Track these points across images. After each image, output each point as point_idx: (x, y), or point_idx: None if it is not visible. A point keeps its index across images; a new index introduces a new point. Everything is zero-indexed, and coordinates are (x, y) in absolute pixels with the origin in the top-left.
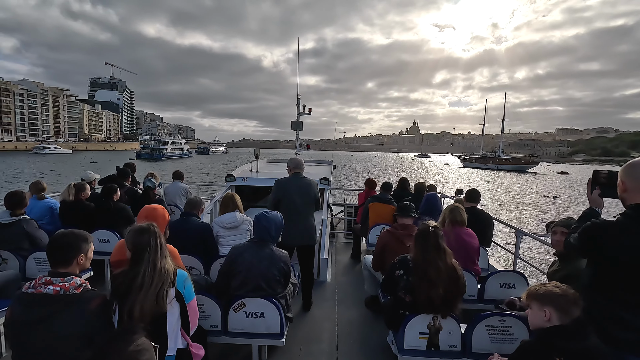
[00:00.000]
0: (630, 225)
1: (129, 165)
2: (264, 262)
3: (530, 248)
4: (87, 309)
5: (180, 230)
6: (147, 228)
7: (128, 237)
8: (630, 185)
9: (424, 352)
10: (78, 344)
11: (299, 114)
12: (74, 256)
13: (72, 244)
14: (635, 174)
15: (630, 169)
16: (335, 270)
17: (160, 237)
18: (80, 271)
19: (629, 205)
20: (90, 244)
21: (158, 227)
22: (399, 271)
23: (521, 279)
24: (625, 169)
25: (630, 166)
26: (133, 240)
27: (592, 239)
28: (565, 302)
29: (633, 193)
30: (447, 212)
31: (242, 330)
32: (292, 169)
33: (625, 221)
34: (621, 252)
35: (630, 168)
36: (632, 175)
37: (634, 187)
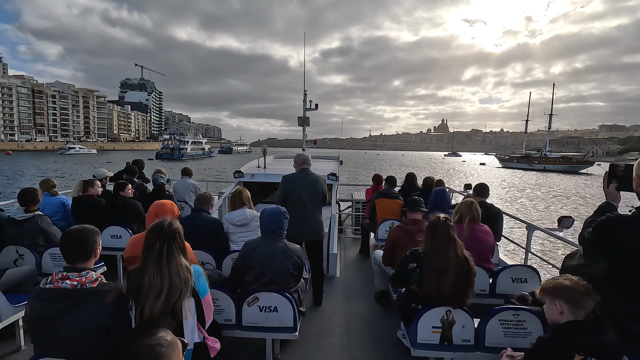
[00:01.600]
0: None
1: (136, 162)
2: (278, 256)
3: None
4: (104, 302)
5: (191, 226)
6: (162, 228)
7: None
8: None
9: (437, 346)
10: (96, 337)
11: (305, 110)
12: (92, 249)
13: (89, 239)
14: None
15: None
16: (344, 265)
17: (176, 241)
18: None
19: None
20: (100, 238)
21: (175, 228)
22: (412, 264)
23: (533, 273)
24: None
25: None
26: (146, 235)
27: (605, 233)
28: (576, 294)
29: None
30: (463, 207)
31: (256, 324)
32: (300, 165)
33: (638, 215)
34: (634, 247)
35: None
36: None
37: None
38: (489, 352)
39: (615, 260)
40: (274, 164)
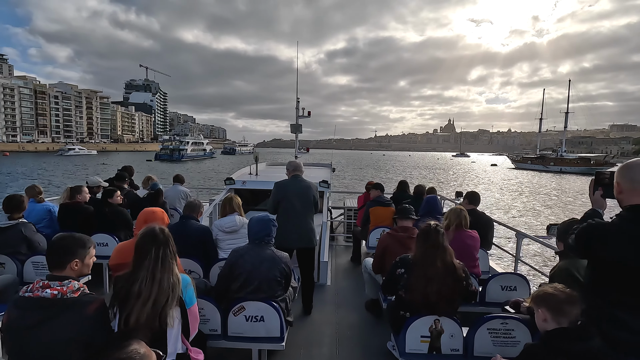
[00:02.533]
0: (625, 226)
1: (126, 169)
2: (265, 264)
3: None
4: (85, 313)
5: (179, 233)
6: (156, 234)
7: (138, 235)
8: (625, 187)
9: (426, 355)
10: (75, 349)
11: (298, 117)
12: (67, 261)
13: (67, 248)
14: (630, 175)
15: (626, 171)
16: (335, 273)
17: (168, 248)
18: (78, 277)
19: (624, 207)
20: (89, 249)
21: (167, 236)
22: (400, 270)
23: (522, 281)
24: (621, 171)
25: (626, 168)
26: (138, 242)
27: (587, 240)
28: (557, 302)
29: (628, 194)
30: (452, 214)
31: (242, 334)
32: (292, 172)
33: (620, 223)
34: (616, 254)
35: (625, 170)
36: (628, 177)
37: (629, 189)
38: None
39: (596, 266)
40: (265, 170)
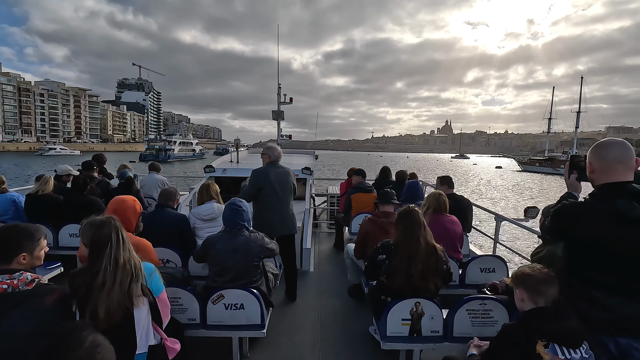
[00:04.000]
0: (596, 205)
1: (96, 157)
2: (239, 252)
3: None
4: (42, 305)
5: (154, 222)
6: (107, 221)
7: (84, 232)
8: (597, 166)
9: (407, 338)
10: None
11: (279, 103)
12: (13, 254)
13: (11, 241)
14: (602, 153)
15: (597, 149)
16: (318, 260)
17: (122, 231)
18: (30, 269)
19: (596, 186)
20: (38, 241)
21: (118, 220)
22: (381, 256)
23: (501, 263)
24: (592, 150)
25: (597, 146)
26: (91, 235)
27: (561, 220)
28: (534, 282)
29: (600, 173)
30: (431, 198)
31: (222, 323)
32: (271, 158)
33: (592, 202)
34: (587, 232)
35: (597, 148)
36: (599, 155)
37: (601, 167)
38: (458, 342)
39: (572, 246)
40: (247, 158)
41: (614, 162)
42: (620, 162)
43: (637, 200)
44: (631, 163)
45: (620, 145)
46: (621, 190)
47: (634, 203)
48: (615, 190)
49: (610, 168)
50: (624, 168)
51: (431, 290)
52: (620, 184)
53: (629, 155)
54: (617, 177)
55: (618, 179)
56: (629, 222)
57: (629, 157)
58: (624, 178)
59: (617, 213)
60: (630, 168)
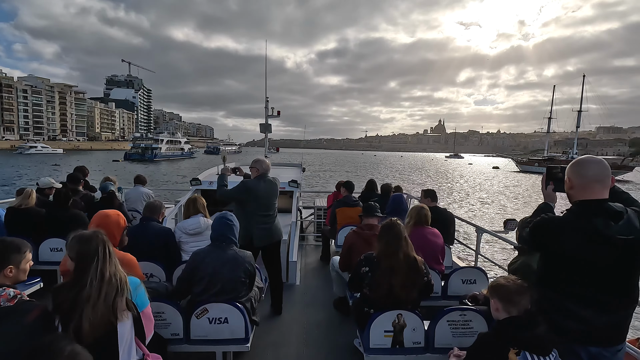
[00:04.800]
0: (573, 221)
1: (80, 170)
2: (228, 265)
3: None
4: (24, 322)
5: (138, 236)
6: (94, 235)
7: (71, 245)
8: (576, 183)
9: (389, 350)
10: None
11: (267, 117)
12: (0, 267)
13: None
14: (580, 171)
15: (576, 167)
16: (304, 272)
17: (109, 245)
18: (13, 283)
19: (573, 202)
20: (24, 254)
21: (105, 234)
22: (364, 268)
23: (481, 274)
24: (571, 167)
25: (576, 164)
26: (78, 249)
27: (538, 234)
28: (508, 292)
29: (578, 190)
30: (412, 211)
31: (205, 337)
32: (259, 171)
33: (569, 217)
34: (565, 247)
35: (576, 166)
36: (578, 172)
37: (579, 185)
38: (439, 353)
39: (548, 259)
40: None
41: (592, 181)
42: (598, 181)
43: (612, 219)
44: (608, 182)
45: (598, 164)
46: (598, 209)
47: (610, 222)
48: (592, 208)
49: (589, 186)
50: (601, 187)
51: (412, 302)
52: (597, 202)
53: (606, 175)
54: (595, 195)
55: (595, 196)
56: (604, 240)
57: (606, 176)
58: (601, 196)
59: (593, 231)
60: (607, 187)
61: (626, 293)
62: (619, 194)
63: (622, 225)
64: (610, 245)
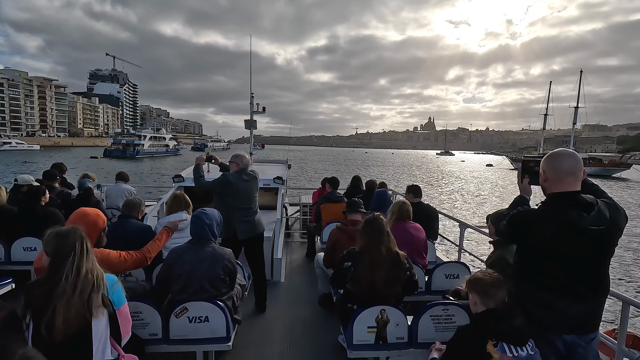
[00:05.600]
0: (547, 213)
1: (56, 166)
2: (206, 262)
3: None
4: None
5: (116, 233)
6: (72, 231)
7: (48, 241)
8: (550, 176)
9: (373, 345)
10: None
11: (252, 113)
12: None
13: None
14: (555, 164)
15: (551, 160)
16: (289, 270)
17: (86, 241)
18: None
19: (548, 194)
20: None
21: (83, 231)
22: (347, 263)
23: (464, 269)
24: (546, 160)
25: (551, 157)
26: (55, 245)
27: (515, 226)
28: (484, 286)
29: (552, 183)
30: (395, 207)
31: (185, 337)
32: (239, 166)
33: (544, 209)
34: (540, 239)
35: (550, 159)
36: (552, 165)
37: (554, 178)
38: (422, 347)
39: (524, 251)
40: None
41: (565, 174)
42: (571, 173)
43: (585, 210)
44: (580, 175)
45: (571, 157)
46: (572, 201)
47: (583, 213)
48: (566, 200)
49: (563, 179)
50: (573, 179)
51: (395, 297)
52: (570, 194)
53: (578, 168)
54: (568, 187)
55: (568, 188)
56: (577, 231)
57: (578, 169)
58: (573, 188)
59: (567, 222)
60: (579, 179)
61: (598, 282)
62: (589, 186)
63: (593, 216)
64: (583, 236)
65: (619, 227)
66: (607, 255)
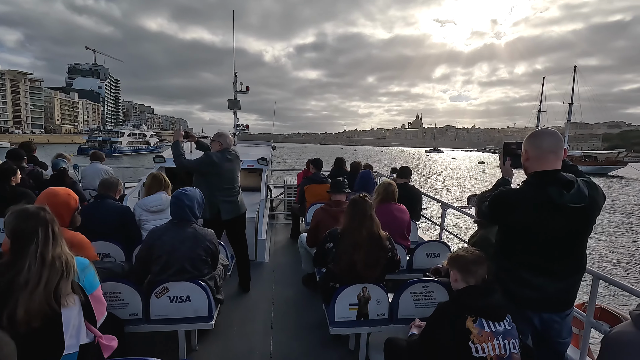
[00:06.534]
0: (528, 192)
1: (23, 146)
2: (187, 243)
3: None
4: None
5: (93, 214)
6: (36, 213)
7: (7, 221)
8: (531, 154)
9: (354, 322)
10: None
11: (235, 92)
12: None
13: None
14: (536, 143)
15: (532, 139)
16: (274, 250)
17: (53, 224)
18: None
19: (529, 174)
20: None
21: (50, 213)
22: (329, 244)
23: (445, 247)
24: (528, 139)
25: (532, 136)
26: (14, 227)
27: (496, 206)
28: (466, 263)
29: (534, 162)
30: (380, 187)
31: (166, 317)
32: (221, 145)
33: (525, 188)
34: (520, 218)
35: (532, 138)
36: (534, 144)
37: (535, 156)
38: (402, 323)
39: (505, 231)
40: None
41: (547, 152)
42: (552, 151)
43: (565, 188)
44: (561, 153)
45: (552, 135)
46: (552, 179)
47: (563, 191)
48: (546, 178)
49: (544, 157)
50: (554, 157)
51: (375, 278)
52: (551, 172)
53: (559, 146)
54: (549, 166)
55: (549, 167)
56: (557, 208)
57: (559, 148)
58: (554, 166)
59: (547, 200)
60: (560, 157)
61: (576, 260)
62: (569, 166)
63: (573, 194)
64: (563, 213)
65: (597, 205)
66: (585, 233)
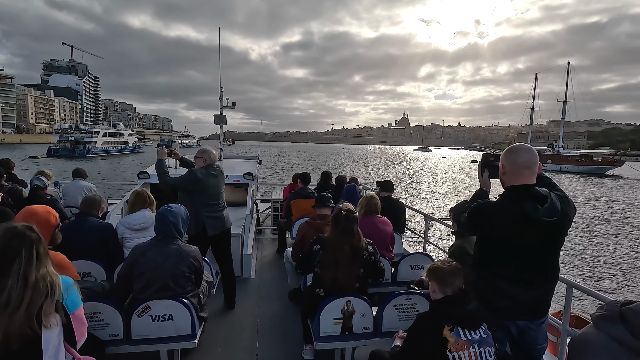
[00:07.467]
0: (506, 206)
1: (1, 163)
2: (170, 259)
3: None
4: None
5: (74, 232)
6: (21, 232)
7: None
8: (508, 169)
9: (339, 336)
10: None
11: (222, 108)
12: None
13: None
14: (512, 158)
15: (509, 154)
16: (260, 266)
17: (39, 244)
18: None
19: (506, 187)
20: None
21: (37, 232)
22: (316, 246)
23: (428, 260)
24: (505, 154)
25: (509, 151)
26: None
27: (474, 218)
28: (442, 274)
29: (510, 176)
30: (363, 201)
31: (148, 336)
32: (205, 162)
33: (501, 201)
34: (497, 230)
35: (508, 153)
36: (510, 159)
37: (511, 171)
38: (386, 337)
39: (483, 242)
40: None
41: (522, 168)
42: (527, 167)
43: (539, 202)
44: (536, 169)
45: (528, 151)
46: (527, 193)
47: (537, 205)
48: (522, 192)
49: (519, 172)
50: (529, 173)
51: (358, 289)
52: (526, 187)
53: (534, 162)
54: (524, 180)
55: (524, 182)
56: (532, 222)
57: (534, 163)
58: (529, 181)
59: (523, 214)
60: (535, 173)
61: (549, 270)
62: (543, 178)
63: (547, 208)
64: (537, 227)
65: (569, 218)
66: (557, 244)
